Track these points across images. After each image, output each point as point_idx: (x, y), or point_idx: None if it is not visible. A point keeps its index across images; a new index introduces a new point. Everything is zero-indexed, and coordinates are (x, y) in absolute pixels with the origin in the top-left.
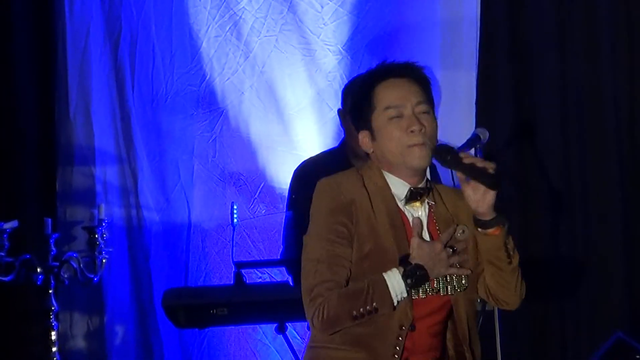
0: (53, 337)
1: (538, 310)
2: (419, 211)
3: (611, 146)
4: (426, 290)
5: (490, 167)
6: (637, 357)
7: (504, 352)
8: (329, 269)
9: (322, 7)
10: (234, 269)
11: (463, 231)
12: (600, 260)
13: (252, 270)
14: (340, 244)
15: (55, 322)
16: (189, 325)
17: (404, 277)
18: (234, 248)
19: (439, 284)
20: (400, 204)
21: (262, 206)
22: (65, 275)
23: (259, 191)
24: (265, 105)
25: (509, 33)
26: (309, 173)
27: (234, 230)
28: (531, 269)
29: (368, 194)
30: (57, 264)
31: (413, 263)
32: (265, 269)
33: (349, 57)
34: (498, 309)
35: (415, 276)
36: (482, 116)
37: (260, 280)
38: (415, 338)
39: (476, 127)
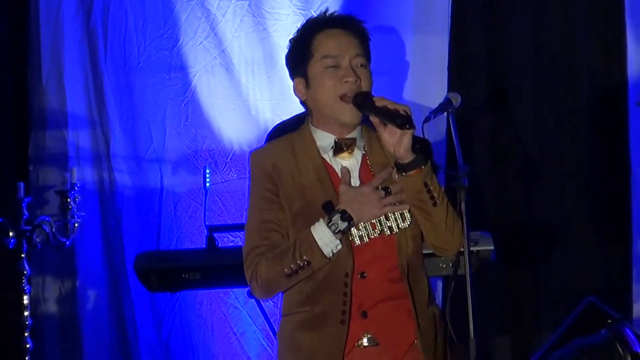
0: (25, 301)
1: (512, 275)
2: (348, 161)
3: (584, 110)
4: (368, 233)
5: (402, 108)
6: (609, 321)
7: (476, 317)
8: (259, 235)
9: None
10: (206, 233)
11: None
12: (574, 225)
13: (224, 234)
14: (269, 209)
15: (27, 286)
16: (161, 289)
17: (329, 225)
18: (206, 212)
19: (381, 225)
20: (327, 157)
21: (234, 170)
22: (38, 239)
23: (231, 155)
24: (238, 69)
25: None
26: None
27: (206, 194)
28: (505, 235)
29: (294, 154)
30: (30, 227)
31: (338, 210)
32: (237, 233)
33: None
34: (470, 273)
35: (339, 222)
36: (455, 81)
37: (232, 244)
38: (370, 286)
39: (448, 91)
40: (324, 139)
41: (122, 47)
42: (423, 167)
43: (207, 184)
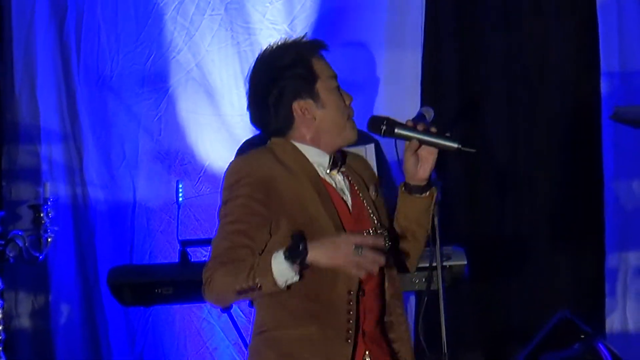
0: None
1: (484, 289)
2: (338, 178)
3: (557, 125)
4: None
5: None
6: (582, 336)
7: (449, 331)
8: (228, 245)
9: None
10: (179, 247)
11: (375, 192)
12: (546, 238)
13: (197, 249)
14: (248, 222)
15: (0, 301)
16: (134, 303)
17: (287, 258)
18: (179, 226)
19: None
20: (321, 173)
21: (207, 184)
22: (11, 254)
23: (203, 170)
24: (211, 84)
25: (455, 12)
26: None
27: (179, 208)
28: (478, 249)
29: (285, 165)
30: (3, 242)
31: (302, 246)
32: (210, 247)
33: (294, 36)
34: (444, 288)
35: (296, 258)
36: (428, 95)
37: (205, 258)
38: (366, 303)
39: (421, 106)
40: (316, 156)
41: (95, 61)
42: (435, 192)
43: (180, 199)
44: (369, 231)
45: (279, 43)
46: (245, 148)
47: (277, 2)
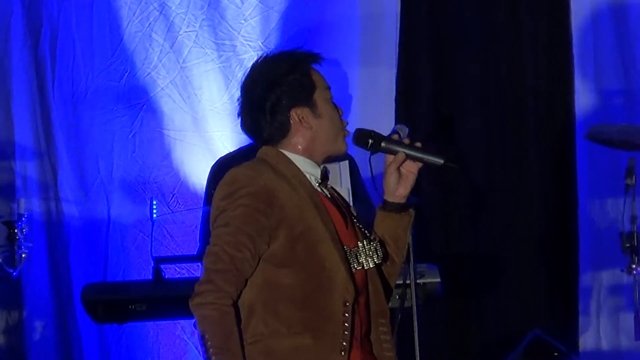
0: None
1: (458, 307)
2: (328, 190)
3: (531, 143)
4: (355, 264)
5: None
6: (555, 354)
7: (422, 348)
8: (231, 256)
9: (243, 2)
10: (152, 264)
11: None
12: (520, 257)
13: (171, 266)
14: (248, 234)
15: None
16: (108, 320)
17: None
18: (153, 243)
19: (361, 260)
20: (314, 184)
21: (181, 201)
22: None
23: (177, 187)
24: (185, 101)
25: (429, 30)
26: (226, 170)
27: (152, 225)
28: (451, 266)
29: (283, 176)
30: None
31: None
32: (183, 265)
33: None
34: (417, 305)
35: None
36: (402, 113)
37: (179, 275)
38: (359, 314)
39: (396, 123)
40: (308, 166)
41: (70, 77)
42: (413, 210)
43: (154, 216)
44: (364, 243)
45: (276, 52)
46: (220, 167)
47: (251, 19)
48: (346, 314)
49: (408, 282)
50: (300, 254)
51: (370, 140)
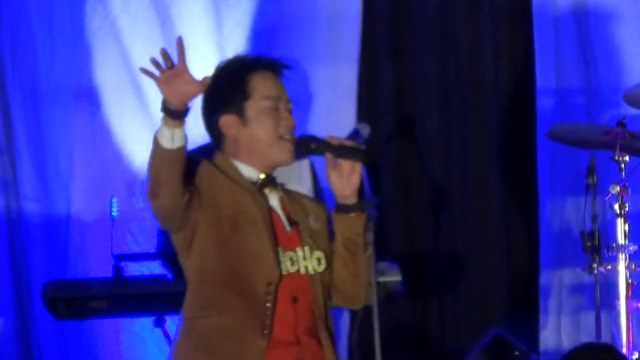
0: None
1: (418, 306)
2: (271, 197)
3: (492, 142)
4: (287, 267)
5: (355, 145)
6: (516, 353)
7: (383, 347)
8: None
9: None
10: (113, 262)
11: (315, 221)
12: (480, 256)
13: (131, 263)
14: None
15: None
16: (68, 317)
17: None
18: (113, 241)
19: (298, 262)
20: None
21: (142, 199)
22: None
23: (138, 184)
24: (146, 99)
25: (391, 28)
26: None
27: (112, 223)
28: (411, 265)
29: (226, 175)
30: None
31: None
32: (144, 262)
33: (227, 53)
34: (377, 304)
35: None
36: (363, 111)
37: (139, 273)
38: (303, 312)
39: (357, 122)
40: (249, 172)
41: (31, 74)
42: (365, 210)
43: (114, 213)
44: (303, 248)
45: (230, 58)
46: None
47: (209, 18)
48: (269, 295)
49: (369, 280)
50: (227, 235)
51: (302, 144)
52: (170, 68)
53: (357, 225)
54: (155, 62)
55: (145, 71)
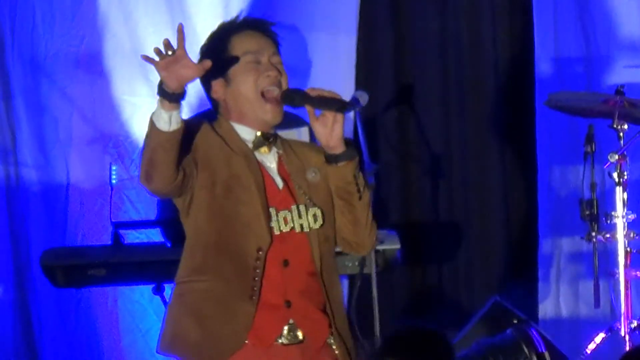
0: None
1: (417, 273)
2: (268, 158)
3: (491, 110)
4: (280, 226)
5: (335, 95)
6: (515, 321)
7: (382, 315)
8: None
9: None
10: (111, 229)
11: (315, 173)
12: (479, 224)
13: (130, 231)
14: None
15: None
16: (66, 284)
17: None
18: (112, 208)
19: (293, 221)
20: (250, 148)
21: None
22: None
23: (137, 152)
24: (145, 67)
25: None
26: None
27: (112, 190)
28: (410, 233)
29: (223, 139)
30: None
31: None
32: (143, 230)
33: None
34: (376, 272)
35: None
36: (362, 79)
37: (138, 240)
38: (293, 275)
39: (356, 90)
40: (246, 133)
41: (30, 42)
42: (353, 159)
43: (114, 181)
44: (298, 206)
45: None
46: None
47: None
48: (258, 261)
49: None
50: (219, 199)
51: (286, 97)
52: (171, 55)
53: (348, 174)
54: (157, 50)
55: (146, 57)
